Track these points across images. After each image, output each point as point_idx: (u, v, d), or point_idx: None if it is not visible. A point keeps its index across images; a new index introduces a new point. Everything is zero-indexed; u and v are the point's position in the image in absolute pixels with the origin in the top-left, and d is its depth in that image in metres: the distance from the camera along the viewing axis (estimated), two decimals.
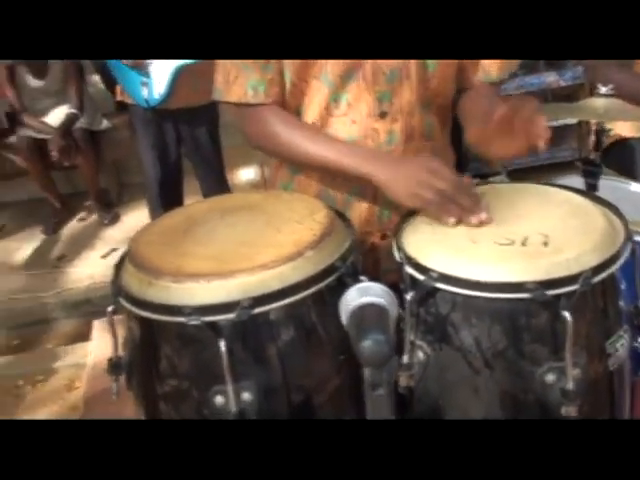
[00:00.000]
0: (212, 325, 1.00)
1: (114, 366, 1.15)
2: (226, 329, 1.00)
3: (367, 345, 0.75)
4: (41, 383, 3.04)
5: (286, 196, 1.25)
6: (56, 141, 3.82)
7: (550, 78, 3.85)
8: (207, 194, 3.33)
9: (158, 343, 1.08)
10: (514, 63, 1.42)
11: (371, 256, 1.36)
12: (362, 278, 1.10)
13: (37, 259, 3.95)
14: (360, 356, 0.76)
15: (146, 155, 3.22)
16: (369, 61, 1.27)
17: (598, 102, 1.52)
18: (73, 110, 3.93)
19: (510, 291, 1.00)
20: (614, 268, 1.03)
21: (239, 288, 1.01)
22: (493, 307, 1.02)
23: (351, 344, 0.79)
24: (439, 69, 1.32)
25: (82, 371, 2.95)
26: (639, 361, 1.72)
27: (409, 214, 1.21)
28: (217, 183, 3.33)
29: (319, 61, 1.27)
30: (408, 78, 1.30)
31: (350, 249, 1.11)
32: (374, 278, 1.25)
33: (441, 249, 1.08)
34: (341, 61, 1.27)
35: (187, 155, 3.29)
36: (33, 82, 3.95)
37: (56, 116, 3.97)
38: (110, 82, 3.58)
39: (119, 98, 3.21)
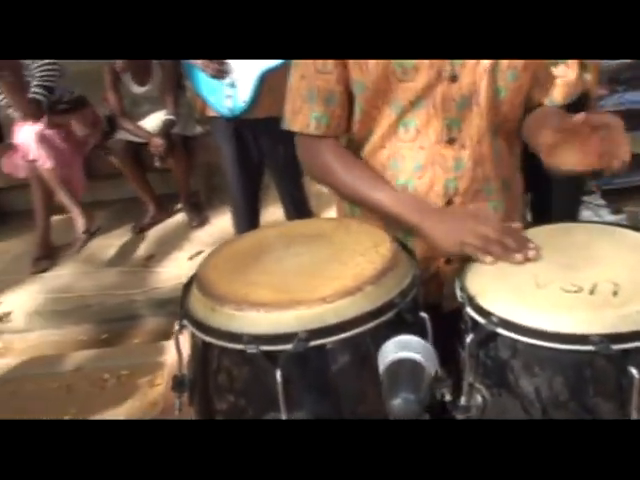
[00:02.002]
0: (269, 354, 1.03)
1: (178, 383, 1.19)
2: (283, 359, 1.02)
3: (397, 403, 0.75)
4: (125, 377, 3.17)
5: (355, 226, 1.26)
6: (156, 143, 3.99)
7: None
8: (285, 208, 3.36)
9: (219, 366, 1.12)
10: (579, 87, 1.38)
11: (435, 281, 1.36)
12: (422, 315, 1.10)
13: (128, 257, 4.13)
14: (390, 413, 0.76)
15: (230, 169, 3.26)
16: (439, 88, 1.27)
17: None
18: (170, 117, 4.08)
19: (573, 342, 0.97)
20: None
21: (297, 320, 1.03)
22: (556, 357, 0.99)
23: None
24: (510, 95, 1.31)
25: (164, 369, 3.06)
26: None
27: None
28: (294, 199, 3.32)
29: (391, 88, 1.29)
30: (478, 105, 1.29)
31: (411, 285, 1.10)
32: (437, 304, 1.26)
33: (504, 292, 1.06)
34: (412, 87, 1.28)
35: (268, 167, 3.31)
36: (136, 89, 4.15)
37: (153, 121, 4.15)
38: None
39: (199, 113, 3.27)
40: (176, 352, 1.19)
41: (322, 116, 1.34)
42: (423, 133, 1.31)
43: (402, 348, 0.84)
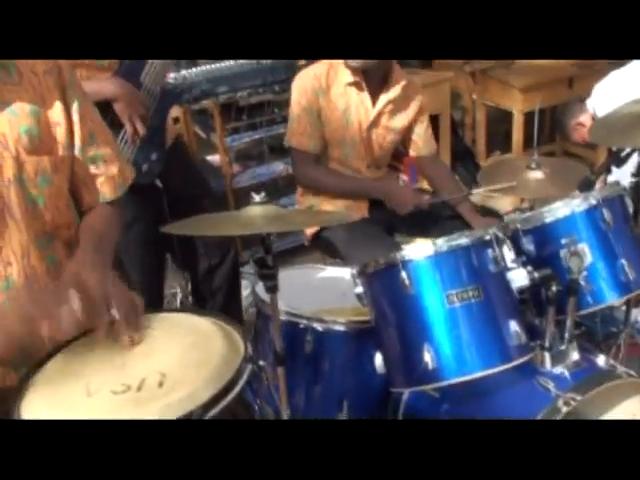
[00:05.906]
0: None
1: None
2: None
3: None
4: None
5: None
6: None
7: (279, 167, 3.98)
8: None
9: None
10: (127, 179, 1.42)
11: None
12: None
13: None
14: None
15: None
16: None
17: (254, 210, 1.50)
18: None
19: None
20: (230, 397, 1.01)
21: None
22: None
23: None
24: (50, 201, 1.26)
25: None
26: None
27: (30, 373, 1.11)
28: None
29: None
30: (13, 219, 1.22)
31: None
32: None
33: (55, 410, 1.00)
34: None
35: None
36: None
37: None
38: None
39: None
40: None
41: None
42: None
43: None
